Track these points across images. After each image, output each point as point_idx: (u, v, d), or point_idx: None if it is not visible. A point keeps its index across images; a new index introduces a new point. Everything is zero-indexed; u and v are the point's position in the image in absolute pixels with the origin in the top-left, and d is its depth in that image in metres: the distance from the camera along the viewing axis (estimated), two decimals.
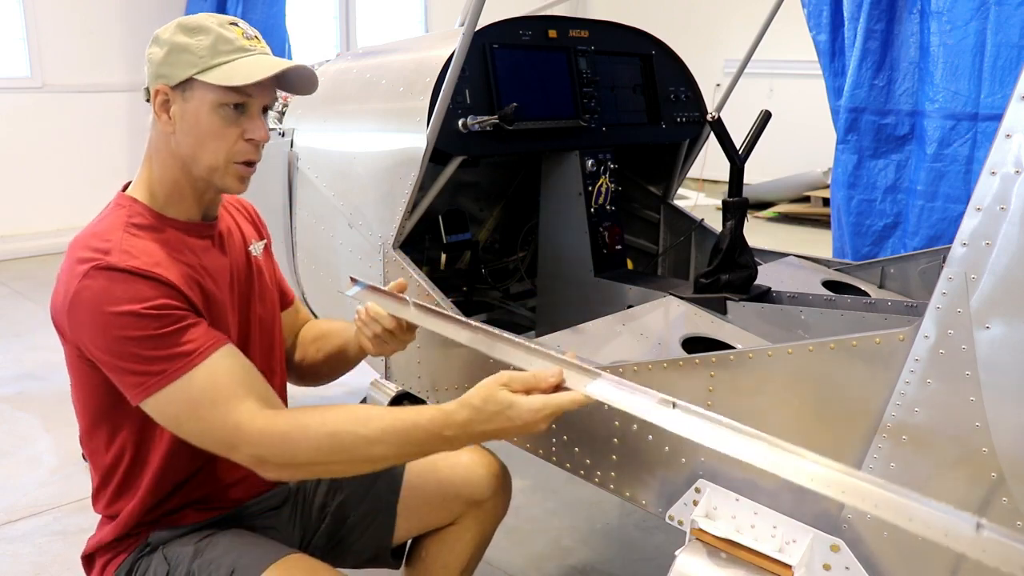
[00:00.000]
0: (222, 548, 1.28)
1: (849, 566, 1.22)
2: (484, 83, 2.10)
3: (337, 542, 1.53)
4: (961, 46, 3.11)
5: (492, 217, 2.76)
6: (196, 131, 1.25)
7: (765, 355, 1.30)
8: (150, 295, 1.16)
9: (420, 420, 1.17)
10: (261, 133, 1.28)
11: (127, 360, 1.16)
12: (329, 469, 1.23)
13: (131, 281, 1.16)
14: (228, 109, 1.24)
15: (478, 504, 1.55)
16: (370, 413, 1.20)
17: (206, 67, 1.22)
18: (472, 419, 1.15)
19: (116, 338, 1.15)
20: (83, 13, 5.79)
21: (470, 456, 1.57)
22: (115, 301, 1.14)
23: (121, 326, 1.14)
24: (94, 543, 1.36)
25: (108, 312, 1.14)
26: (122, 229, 1.22)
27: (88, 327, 1.17)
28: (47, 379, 3.46)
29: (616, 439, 1.49)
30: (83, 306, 1.16)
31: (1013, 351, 1.04)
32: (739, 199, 1.97)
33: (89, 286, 1.15)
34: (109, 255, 1.17)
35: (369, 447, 1.18)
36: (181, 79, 1.23)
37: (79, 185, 5.86)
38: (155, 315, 1.16)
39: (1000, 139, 1.04)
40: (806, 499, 1.26)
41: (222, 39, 1.23)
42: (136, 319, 1.14)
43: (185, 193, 1.30)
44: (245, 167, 1.29)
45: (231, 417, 1.17)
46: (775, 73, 7.19)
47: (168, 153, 1.28)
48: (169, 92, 1.25)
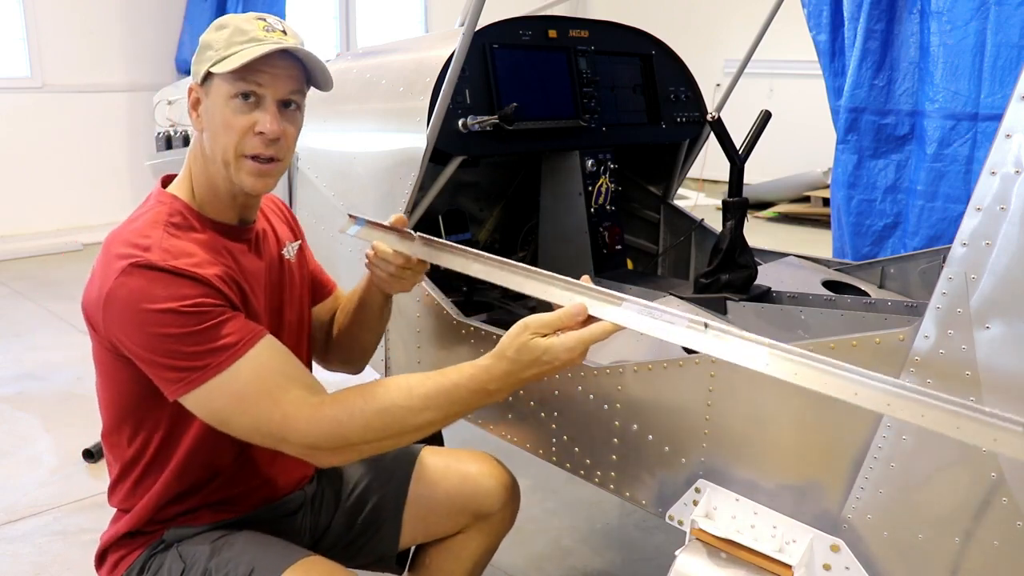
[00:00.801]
0: (239, 548, 1.28)
1: (849, 566, 1.22)
2: (484, 83, 2.10)
3: (345, 546, 1.52)
4: (961, 46, 3.11)
5: (492, 217, 2.76)
6: (212, 124, 1.24)
7: None
8: (189, 294, 1.15)
9: (461, 380, 1.19)
10: (269, 126, 1.22)
11: (167, 356, 1.15)
12: (381, 445, 1.22)
13: (170, 280, 1.15)
14: (239, 100, 1.22)
15: (484, 517, 1.54)
16: (411, 382, 1.21)
17: (219, 59, 1.21)
18: (511, 370, 1.17)
19: (155, 335, 1.14)
20: (83, 13, 5.79)
21: (480, 468, 1.56)
22: (154, 299, 1.13)
23: (160, 323, 1.13)
24: (107, 538, 1.35)
25: (147, 309, 1.13)
26: (162, 227, 1.21)
27: (125, 324, 1.15)
28: (47, 379, 3.46)
29: (616, 439, 1.49)
30: (120, 302, 1.15)
31: (1013, 351, 1.04)
32: (739, 199, 1.97)
33: (127, 283, 1.14)
34: (149, 252, 1.16)
35: (416, 416, 1.19)
36: (202, 75, 1.23)
37: (79, 185, 5.86)
38: (195, 312, 1.14)
39: (1000, 139, 1.04)
40: (806, 499, 1.26)
41: (239, 31, 1.22)
42: (175, 316, 1.13)
43: (219, 193, 1.29)
44: (261, 163, 1.25)
45: (278, 408, 1.17)
46: (775, 73, 7.19)
47: (201, 152, 1.28)
48: (199, 90, 1.25)
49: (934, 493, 1.13)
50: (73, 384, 3.41)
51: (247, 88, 1.22)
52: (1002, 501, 1.07)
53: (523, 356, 1.16)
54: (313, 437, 1.17)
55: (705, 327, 1.10)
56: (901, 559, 1.17)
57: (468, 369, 1.20)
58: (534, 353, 1.15)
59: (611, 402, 1.49)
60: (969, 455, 1.09)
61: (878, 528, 1.18)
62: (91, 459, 2.71)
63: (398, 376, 1.24)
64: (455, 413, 1.22)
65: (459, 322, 1.79)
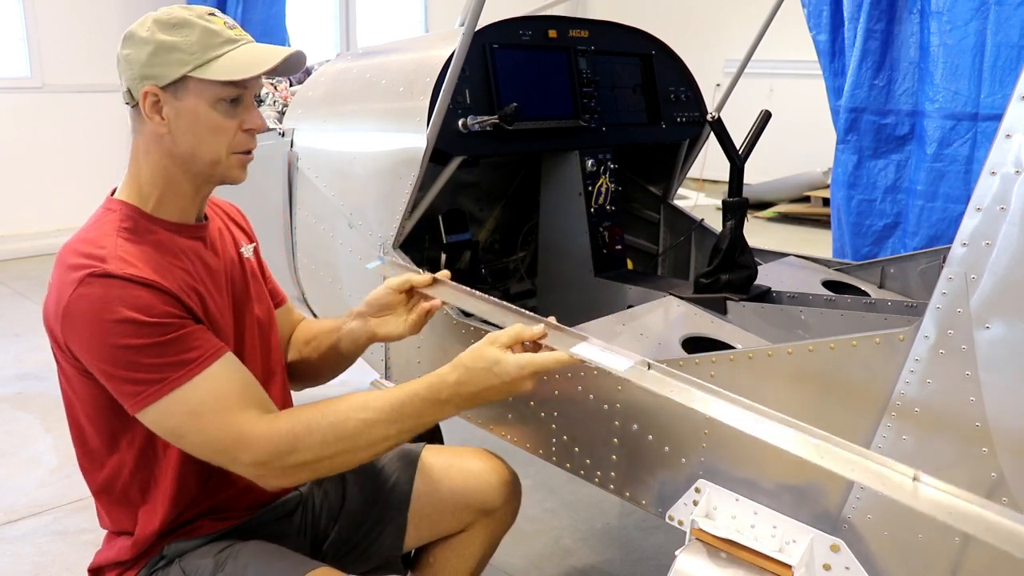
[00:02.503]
0: (243, 561, 1.26)
1: (849, 566, 1.22)
2: (484, 83, 2.10)
3: (349, 549, 1.52)
4: (961, 46, 3.11)
5: (492, 217, 2.76)
6: (195, 128, 1.23)
7: (765, 355, 1.30)
8: (149, 303, 1.14)
9: (419, 389, 1.20)
10: (259, 122, 1.28)
11: (126, 368, 1.13)
12: (333, 463, 1.21)
13: (129, 288, 1.13)
14: (225, 103, 1.23)
15: (488, 513, 1.54)
16: (368, 397, 1.22)
17: (199, 63, 1.20)
18: (462, 379, 1.19)
19: (114, 346, 1.12)
20: (83, 13, 5.79)
21: (481, 464, 1.56)
22: (113, 309, 1.12)
23: (120, 334, 1.12)
24: (103, 559, 1.33)
25: (106, 320, 1.12)
26: (115, 234, 1.20)
27: (84, 336, 1.14)
28: (47, 379, 3.46)
29: (616, 439, 1.49)
30: (79, 315, 1.13)
31: (1013, 351, 1.04)
32: (739, 199, 1.97)
33: (85, 294, 1.12)
34: (105, 262, 1.14)
35: (371, 429, 1.19)
36: (173, 78, 1.20)
37: (79, 185, 5.86)
38: (155, 323, 1.13)
39: (1000, 139, 1.04)
40: (806, 499, 1.26)
41: (208, 32, 1.21)
42: (136, 327, 1.12)
43: (181, 191, 1.28)
44: (245, 156, 1.29)
45: (234, 426, 1.16)
46: (775, 73, 7.19)
47: (161, 153, 1.26)
48: (160, 93, 1.22)
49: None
50: None
51: (237, 93, 1.24)
52: (1002, 501, 1.07)
53: (476, 364, 1.18)
54: (266, 454, 1.16)
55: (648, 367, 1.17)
56: (901, 559, 1.17)
57: (426, 378, 1.21)
58: (486, 361, 1.18)
59: (611, 402, 1.49)
60: (969, 455, 1.09)
61: (878, 528, 1.18)
62: None
63: (359, 392, 1.25)
64: (408, 426, 1.21)
65: (459, 322, 1.79)
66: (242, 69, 1.21)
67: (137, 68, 1.22)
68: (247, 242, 1.47)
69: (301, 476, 1.22)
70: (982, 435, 1.07)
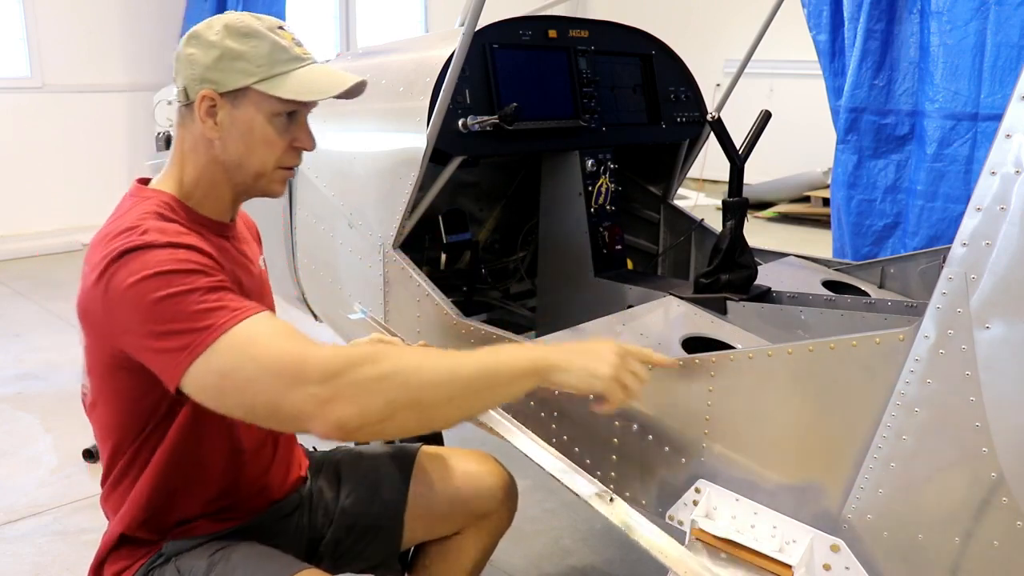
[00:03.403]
0: (235, 562, 1.26)
1: (849, 566, 1.22)
2: (484, 83, 2.10)
3: (345, 550, 1.52)
4: (961, 46, 3.11)
5: (492, 217, 2.76)
6: (248, 139, 1.24)
7: (765, 355, 1.30)
8: (189, 255, 1.11)
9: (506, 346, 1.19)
10: (311, 143, 1.30)
11: (171, 320, 1.06)
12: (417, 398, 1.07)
13: (170, 250, 1.10)
14: (282, 119, 1.25)
15: (484, 516, 1.54)
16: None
17: (265, 77, 1.21)
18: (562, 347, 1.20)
19: (158, 300, 1.06)
20: (83, 13, 5.79)
21: (478, 467, 1.56)
22: (154, 266, 1.08)
23: (162, 285, 1.06)
24: (102, 551, 1.33)
25: (147, 275, 1.07)
26: (153, 217, 1.18)
27: (126, 303, 1.08)
28: (47, 379, 3.46)
29: (616, 439, 1.49)
30: (121, 285, 1.09)
31: (1013, 351, 1.04)
32: (739, 199, 1.97)
33: (127, 263, 1.09)
34: (146, 234, 1.12)
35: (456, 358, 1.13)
36: (234, 87, 1.21)
37: (79, 185, 5.86)
38: (198, 270, 1.10)
39: (1000, 139, 1.04)
40: (806, 499, 1.26)
41: (278, 47, 1.22)
42: (178, 275, 1.07)
43: (223, 195, 1.29)
44: (289, 171, 1.31)
45: (294, 349, 1.05)
46: (775, 73, 7.19)
47: (209, 158, 1.26)
48: (217, 98, 1.22)
49: (934, 493, 1.14)
50: (73, 384, 3.40)
51: (295, 109, 1.26)
52: (1002, 501, 1.07)
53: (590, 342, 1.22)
54: (337, 364, 1.03)
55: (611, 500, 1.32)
56: (901, 559, 1.17)
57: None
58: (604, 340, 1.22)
59: None
60: (969, 455, 1.09)
61: (878, 528, 1.18)
62: (91, 459, 2.71)
63: None
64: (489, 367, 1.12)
65: (459, 322, 1.79)
66: (308, 91, 1.23)
67: (199, 70, 1.21)
68: (260, 252, 1.50)
69: (373, 402, 1.05)
70: (982, 435, 1.07)
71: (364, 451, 1.60)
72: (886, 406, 1.16)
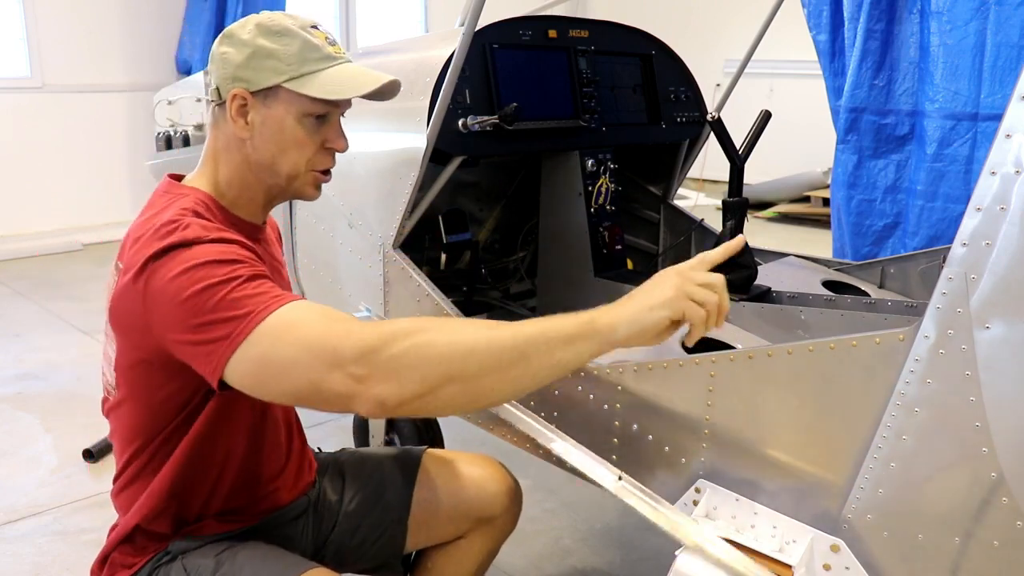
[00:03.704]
0: (241, 562, 1.26)
1: (849, 566, 1.22)
2: (484, 83, 2.10)
3: (348, 552, 1.51)
4: (961, 46, 3.11)
5: (492, 217, 2.76)
6: (279, 139, 1.23)
7: (765, 355, 1.30)
8: (228, 248, 1.11)
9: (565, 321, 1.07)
10: (343, 144, 1.28)
11: (213, 310, 1.05)
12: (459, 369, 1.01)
13: (210, 244, 1.10)
14: (312, 119, 1.23)
15: (488, 521, 1.54)
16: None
17: (295, 75, 1.20)
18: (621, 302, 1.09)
19: (198, 291, 1.05)
20: (83, 13, 5.79)
21: (482, 472, 1.55)
22: (195, 259, 1.08)
23: (203, 277, 1.06)
24: (109, 546, 1.33)
25: (188, 267, 1.07)
26: (191, 213, 1.17)
27: (167, 298, 1.07)
28: (47, 379, 3.46)
29: (616, 439, 1.49)
30: (162, 280, 1.08)
31: (1013, 351, 1.04)
32: (739, 199, 1.97)
33: (168, 260, 1.09)
34: (187, 229, 1.11)
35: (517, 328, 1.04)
36: (265, 85, 1.20)
37: (79, 185, 5.87)
38: (236, 260, 1.09)
39: (1000, 139, 1.04)
40: (806, 499, 1.26)
41: (309, 46, 1.21)
42: (217, 265, 1.07)
43: (256, 197, 1.29)
44: (323, 175, 1.29)
45: (334, 327, 1.03)
46: (775, 73, 7.19)
47: (241, 158, 1.25)
48: (249, 97, 1.21)
49: (934, 493, 1.14)
50: (73, 384, 3.41)
51: (327, 110, 1.24)
52: (1002, 501, 1.07)
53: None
54: (375, 338, 1.00)
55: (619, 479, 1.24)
56: (901, 559, 1.17)
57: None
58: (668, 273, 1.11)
59: (611, 402, 1.49)
60: (969, 455, 1.09)
61: (878, 528, 1.18)
62: (91, 459, 2.71)
63: None
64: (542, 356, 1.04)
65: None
66: (338, 89, 1.21)
67: (231, 69, 1.21)
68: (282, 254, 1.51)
69: (410, 377, 1.00)
70: (982, 435, 1.07)
71: (369, 453, 1.60)
72: (886, 406, 1.16)
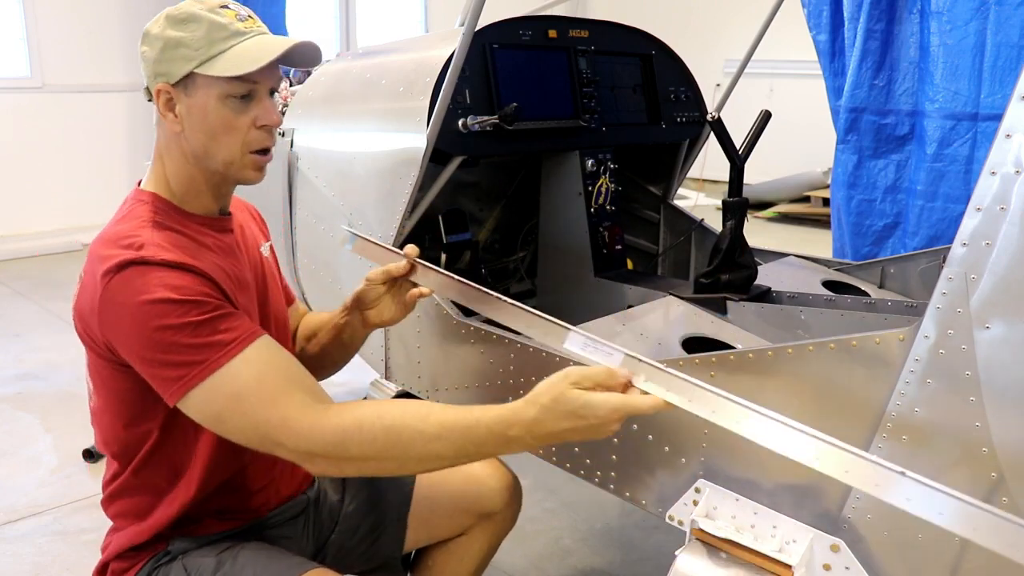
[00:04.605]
0: (243, 561, 1.26)
1: (849, 566, 1.22)
2: (484, 83, 2.10)
3: (348, 550, 1.51)
4: (961, 46, 3.11)
5: (492, 217, 2.76)
6: (205, 126, 1.21)
7: (765, 355, 1.30)
8: (186, 283, 1.12)
9: (483, 418, 1.10)
10: (273, 118, 1.23)
11: (166, 352, 1.11)
12: (382, 466, 1.15)
13: (166, 272, 1.12)
14: (235, 99, 1.21)
15: (488, 516, 1.54)
16: (431, 408, 1.14)
17: (205, 59, 1.18)
18: (539, 418, 1.07)
19: (153, 329, 1.10)
20: (83, 13, 5.79)
21: (482, 468, 1.55)
22: (150, 291, 1.10)
23: (158, 314, 1.09)
24: (110, 552, 1.32)
25: (143, 302, 1.10)
26: (149, 225, 1.19)
27: (123, 323, 1.11)
28: (47, 379, 3.46)
29: (616, 439, 1.49)
30: (117, 302, 1.11)
31: (1013, 351, 1.04)
32: (739, 199, 1.97)
33: (124, 280, 1.11)
34: (142, 248, 1.13)
35: (427, 444, 1.11)
36: (181, 75, 1.19)
37: (79, 185, 5.86)
38: (192, 301, 1.11)
39: (1000, 139, 1.04)
40: (806, 499, 1.26)
41: (215, 26, 1.19)
42: (173, 306, 1.10)
43: (201, 189, 1.27)
44: (261, 156, 1.26)
45: (277, 411, 1.12)
46: (775, 73, 7.19)
47: (180, 152, 1.24)
48: (171, 90, 1.21)
49: None
50: (73, 384, 3.41)
51: (246, 88, 1.21)
52: (1002, 501, 1.07)
53: (559, 406, 1.06)
54: (313, 444, 1.12)
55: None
56: (901, 559, 1.17)
57: (494, 410, 1.11)
58: (572, 405, 1.05)
59: None
60: (969, 455, 1.09)
61: (878, 528, 1.18)
62: (91, 459, 2.71)
63: (420, 401, 1.20)
64: (468, 452, 1.13)
65: (459, 322, 1.79)
66: (247, 63, 1.18)
67: (151, 65, 1.21)
68: (264, 240, 1.48)
69: (347, 470, 1.18)
70: (982, 435, 1.07)
71: None
72: (886, 406, 1.16)
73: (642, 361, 1.11)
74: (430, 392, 1.89)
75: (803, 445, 1.00)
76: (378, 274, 1.43)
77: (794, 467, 1.27)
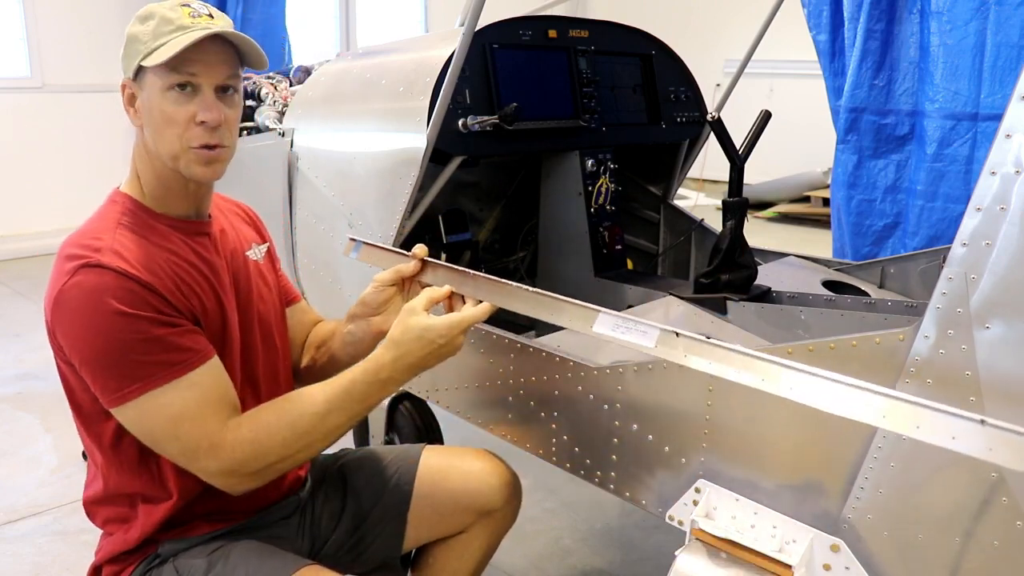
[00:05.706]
0: (234, 561, 1.26)
1: (849, 566, 1.22)
2: (484, 83, 2.10)
3: (347, 551, 1.51)
4: (961, 46, 3.11)
5: (492, 217, 2.76)
6: (151, 119, 1.22)
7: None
8: (140, 298, 1.13)
9: (356, 376, 1.23)
10: (211, 114, 1.20)
11: (108, 363, 1.13)
12: (296, 459, 1.24)
13: (121, 282, 1.13)
14: (175, 91, 1.20)
15: (488, 514, 1.54)
16: (314, 389, 1.24)
17: (148, 52, 1.19)
18: (398, 354, 1.22)
19: (100, 337, 1.12)
20: (83, 13, 5.79)
21: (482, 465, 1.55)
22: (103, 301, 1.11)
23: (107, 326, 1.12)
24: (101, 556, 1.32)
25: (95, 311, 1.12)
26: (114, 227, 1.20)
27: (73, 325, 1.13)
28: (47, 379, 3.46)
29: (616, 439, 1.49)
30: (70, 304, 1.13)
31: (1013, 351, 1.04)
32: (739, 199, 1.97)
33: (77, 283, 1.12)
34: (100, 253, 1.14)
35: (324, 422, 1.21)
36: (134, 69, 1.22)
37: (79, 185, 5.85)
38: (143, 318, 1.13)
39: (1000, 139, 1.04)
40: (806, 499, 1.26)
41: (164, 20, 1.20)
42: (124, 320, 1.12)
43: (171, 187, 1.27)
44: (206, 151, 1.22)
45: (208, 436, 1.17)
46: (775, 73, 7.19)
47: (145, 149, 1.26)
48: (131, 85, 1.24)
49: (934, 493, 1.13)
50: None
51: (181, 79, 1.20)
52: (1002, 501, 1.07)
53: (406, 336, 1.22)
54: (233, 462, 1.18)
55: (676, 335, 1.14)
56: (901, 559, 1.17)
57: (362, 364, 1.24)
58: (415, 332, 1.22)
59: (611, 402, 1.49)
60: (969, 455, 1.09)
61: (878, 528, 1.18)
62: None
63: (303, 388, 1.26)
64: (358, 411, 1.24)
65: None
66: (172, 51, 1.17)
67: (121, 63, 1.25)
68: (259, 242, 1.47)
69: (268, 476, 1.24)
70: None
71: (368, 454, 1.60)
72: None
73: (680, 335, 1.13)
74: (429, 392, 1.89)
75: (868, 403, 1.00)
76: (388, 275, 1.45)
77: (794, 467, 1.28)
